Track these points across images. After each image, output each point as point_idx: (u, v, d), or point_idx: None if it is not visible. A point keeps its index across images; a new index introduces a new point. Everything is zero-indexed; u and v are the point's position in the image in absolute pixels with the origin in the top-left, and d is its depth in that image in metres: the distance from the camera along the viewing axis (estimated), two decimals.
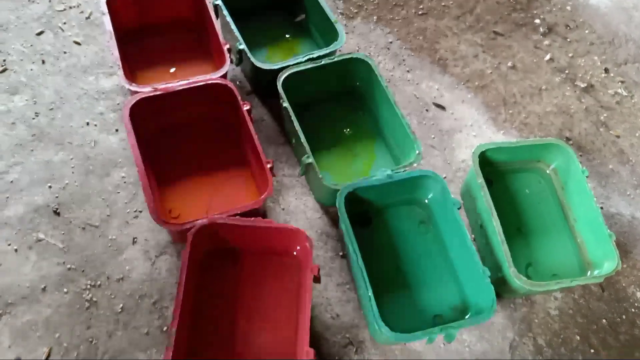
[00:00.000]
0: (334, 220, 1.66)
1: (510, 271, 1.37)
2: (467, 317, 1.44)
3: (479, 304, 1.41)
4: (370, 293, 1.31)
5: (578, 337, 1.56)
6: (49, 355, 1.37)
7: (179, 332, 1.22)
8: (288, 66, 1.66)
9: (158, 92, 1.56)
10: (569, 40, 2.24)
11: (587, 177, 1.58)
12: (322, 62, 1.68)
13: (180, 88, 1.58)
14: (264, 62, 1.68)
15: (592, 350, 1.54)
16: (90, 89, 1.81)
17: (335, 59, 1.70)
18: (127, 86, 1.56)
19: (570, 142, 1.92)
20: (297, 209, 1.67)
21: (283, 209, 1.67)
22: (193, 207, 1.58)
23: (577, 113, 2.02)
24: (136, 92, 1.56)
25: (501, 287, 1.49)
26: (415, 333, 1.27)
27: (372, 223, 1.61)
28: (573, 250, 1.61)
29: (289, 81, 1.64)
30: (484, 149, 1.56)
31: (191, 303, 1.38)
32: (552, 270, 1.58)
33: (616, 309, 1.61)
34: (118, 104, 1.79)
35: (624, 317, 1.60)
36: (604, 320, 1.59)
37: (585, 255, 1.58)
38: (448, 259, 1.56)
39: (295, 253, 1.49)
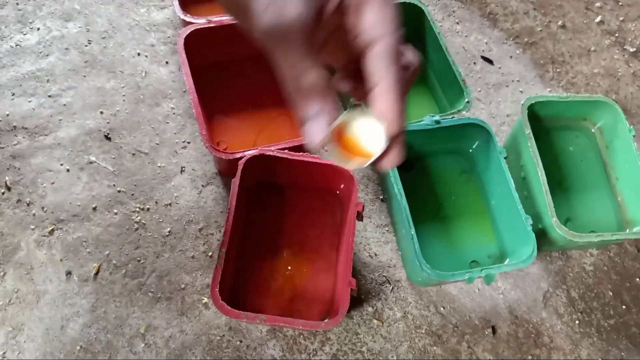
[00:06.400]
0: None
1: (553, 221, 1.39)
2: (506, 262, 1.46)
3: (517, 252, 1.43)
4: (413, 232, 1.33)
5: (611, 293, 1.58)
6: (98, 271, 1.43)
7: (226, 255, 1.26)
8: None
9: (212, 25, 1.57)
10: (620, 4, 2.19)
11: (633, 136, 1.57)
12: None
13: (234, 22, 1.58)
14: None
15: (623, 307, 1.56)
16: (142, 21, 1.83)
17: None
18: (182, 16, 1.57)
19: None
20: None
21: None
22: (240, 141, 1.61)
23: (624, 76, 1.99)
24: (190, 23, 1.57)
25: (539, 239, 1.50)
26: (456, 272, 1.29)
27: (414, 168, 1.62)
28: (613, 209, 1.62)
29: None
30: (533, 102, 1.55)
31: (238, 230, 1.41)
32: (591, 226, 1.59)
33: None
34: (169, 37, 1.81)
35: None
36: (638, 279, 1.61)
37: (625, 213, 1.59)
38: (489, 208, 1.58)
39: (338, 192, 1.52)
